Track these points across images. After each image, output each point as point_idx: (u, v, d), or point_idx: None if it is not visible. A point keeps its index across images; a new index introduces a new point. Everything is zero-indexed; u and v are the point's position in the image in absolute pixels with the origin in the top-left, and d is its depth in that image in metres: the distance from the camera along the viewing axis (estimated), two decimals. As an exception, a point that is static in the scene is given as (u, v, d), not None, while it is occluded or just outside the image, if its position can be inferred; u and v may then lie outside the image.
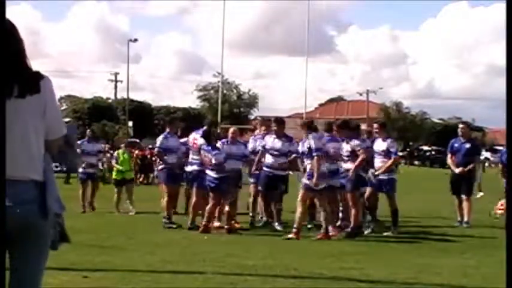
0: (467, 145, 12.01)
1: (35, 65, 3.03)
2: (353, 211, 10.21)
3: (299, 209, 10.01)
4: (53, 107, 3.03)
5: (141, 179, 26.31)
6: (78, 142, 14.85)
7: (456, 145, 12.12)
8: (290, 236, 9.86)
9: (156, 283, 6.49)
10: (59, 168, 28.36)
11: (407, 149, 59.77)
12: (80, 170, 14.89)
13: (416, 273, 7.19)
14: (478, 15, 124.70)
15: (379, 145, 10.77)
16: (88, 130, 17.38)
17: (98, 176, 15.70)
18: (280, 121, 11.71)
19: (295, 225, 9.96)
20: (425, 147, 58.86)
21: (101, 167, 16.32)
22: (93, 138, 15.67)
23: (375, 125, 11.29)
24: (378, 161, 10.69)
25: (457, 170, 11.90)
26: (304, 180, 9.97)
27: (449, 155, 12.44)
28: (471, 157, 12.06)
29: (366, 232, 10.45)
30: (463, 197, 11.78)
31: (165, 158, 11.64)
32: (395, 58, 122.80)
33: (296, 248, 9.11)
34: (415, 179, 29.03)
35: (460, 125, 12.67)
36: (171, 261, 7.73)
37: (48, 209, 2.95)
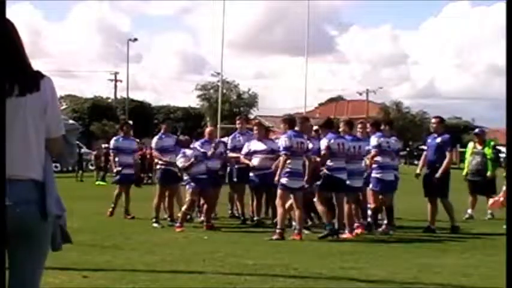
0: (438, 140, 11.10)
1: (37, 64, 3.03)
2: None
3: (279, 210, 10.01)
4: (54, 106, 3.02)
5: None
6: (113, 139, 12.85)
7: (429, 141, 11.45)
8: (275, 237, 9.82)
9: (156, 283, 6.50)
10: (59, 169, 28.40)
11: (407, 149, 59.72)
12: (115, 170, 12.94)
13: (415, 273, 7.19)
14: (479, 15, 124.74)
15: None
16: (124, 125, 13.81)
17: (134, 178, 13.32)
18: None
19: (278, 226, 9.95)
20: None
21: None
22: (128, 133, 13.30)
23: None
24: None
25: (417, 171, 11.49)
26: (282, 180, 9.87)
27: (424, 153, 11.88)
28: (442, 153, 11.01)
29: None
30: (438, 199, 11.13)
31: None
32: (396, 58, 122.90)
33: (296, 248, 9.11)
34: (415, 179, 28.99)
35: (432, 120, 11.76)
36: (170, 261, 7.74)
37: (48, 210, 2.95)
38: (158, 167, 11.90)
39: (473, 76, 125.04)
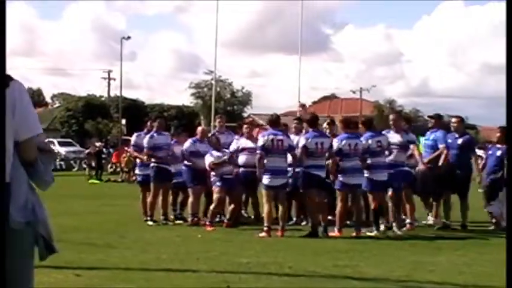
0: (459, 141, 11.18)
1: (32, 62, 3.01)
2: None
3: (265, 208, 10.16)
4: (22, 106, 2.96)
5: (134, 177, 26.26)
6: (149, 134, 12.03)
7: (450, 141, 11.30)
8: (262, 234, 9.91)
9: (150, 281, 6.50)
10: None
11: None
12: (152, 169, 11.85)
13: (410, 271, 7.21)
14: (473, 14, 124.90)
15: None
16: (157, 120, 12.54)
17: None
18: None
19: (265, 224, 10.03)
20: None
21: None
22: (163, 128, 12.25)
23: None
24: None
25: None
26: (263, 180, 10.03)
27: (441, 147, 11.30)
28: (464, 153, 11.17)
29: (371, 233, 10.28)
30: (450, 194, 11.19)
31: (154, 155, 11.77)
32: (390, 56, 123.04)
33: (290, 246, 9.11)
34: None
35: (453, 119, 11.71)
36: (164, 260, 7.73)
37: (11, 214, 2.86)
38: (152, 165, 11.84)
39: (467, 75, 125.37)
